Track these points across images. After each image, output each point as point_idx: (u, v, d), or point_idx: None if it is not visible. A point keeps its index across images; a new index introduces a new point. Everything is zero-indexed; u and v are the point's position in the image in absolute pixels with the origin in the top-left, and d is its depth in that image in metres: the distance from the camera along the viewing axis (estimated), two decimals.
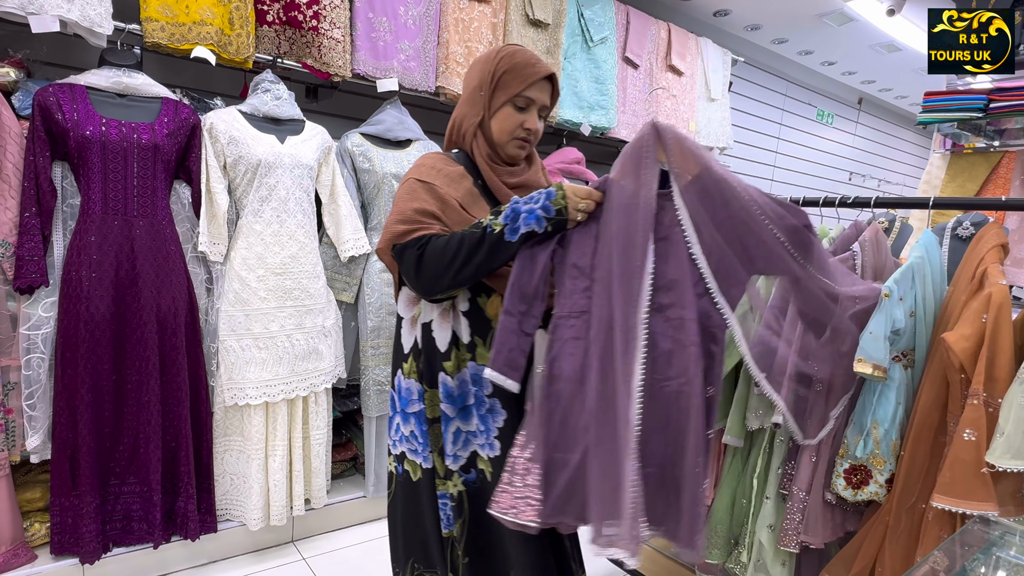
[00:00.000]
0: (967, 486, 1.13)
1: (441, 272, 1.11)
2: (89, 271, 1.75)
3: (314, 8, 2.12)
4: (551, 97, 1.23)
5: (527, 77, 1.17)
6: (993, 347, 1.15)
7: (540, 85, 1.19)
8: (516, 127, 1.19)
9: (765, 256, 1.03)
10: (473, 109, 1.22)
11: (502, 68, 1.18)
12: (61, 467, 1.77)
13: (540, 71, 1.19)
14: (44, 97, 1.69)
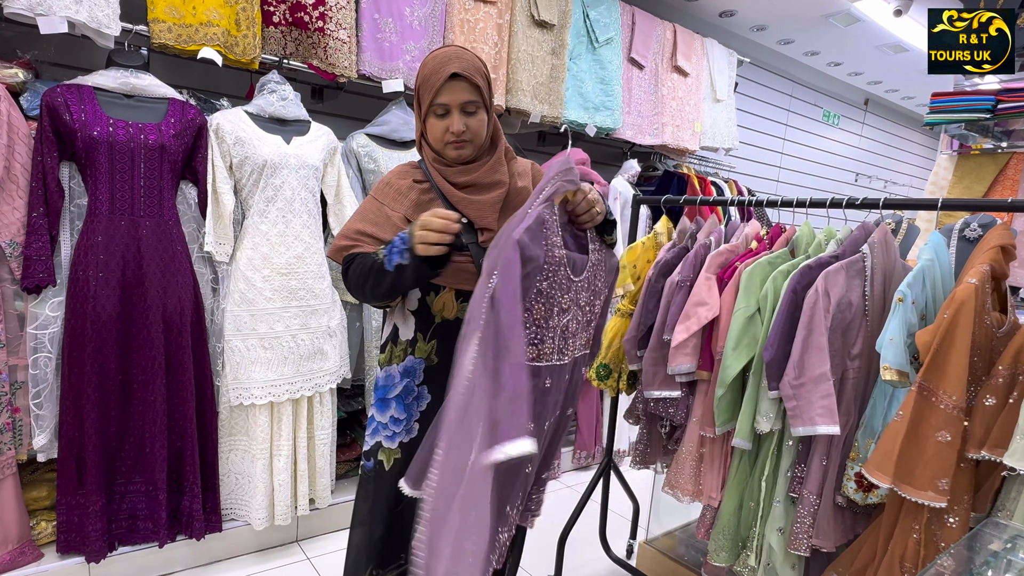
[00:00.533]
0: (881, 458, 1.20)
1: (357, 289, 1.20)
2: (96, 271, 1.75)
3: (320, 9, 2.12)
4: (474, 92, 1.19)
5: (432, 85, 1.18)
6: (947, 340, 1.17)
7: (448, 87, 1.17)
8: (443, 133, 1.20)
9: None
10: (416, 122, 1.28)
11: (418, 82, 1.22)
12: (67, 466, 1.78)
13: (442, 76, 1.16)
14: (52, 98, 1.70)
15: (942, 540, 1.19)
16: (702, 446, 1.64)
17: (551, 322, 1.05)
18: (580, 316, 1.12)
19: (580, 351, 1.16)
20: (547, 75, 2.82)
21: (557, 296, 1.05)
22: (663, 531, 2.27)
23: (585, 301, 1.12)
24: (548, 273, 1.03)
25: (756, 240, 1.69)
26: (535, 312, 1.03)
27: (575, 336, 1.12)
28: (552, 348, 1.07)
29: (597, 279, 1.15)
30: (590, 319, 1.16)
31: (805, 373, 1.34)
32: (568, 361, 1.12)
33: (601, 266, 1.17)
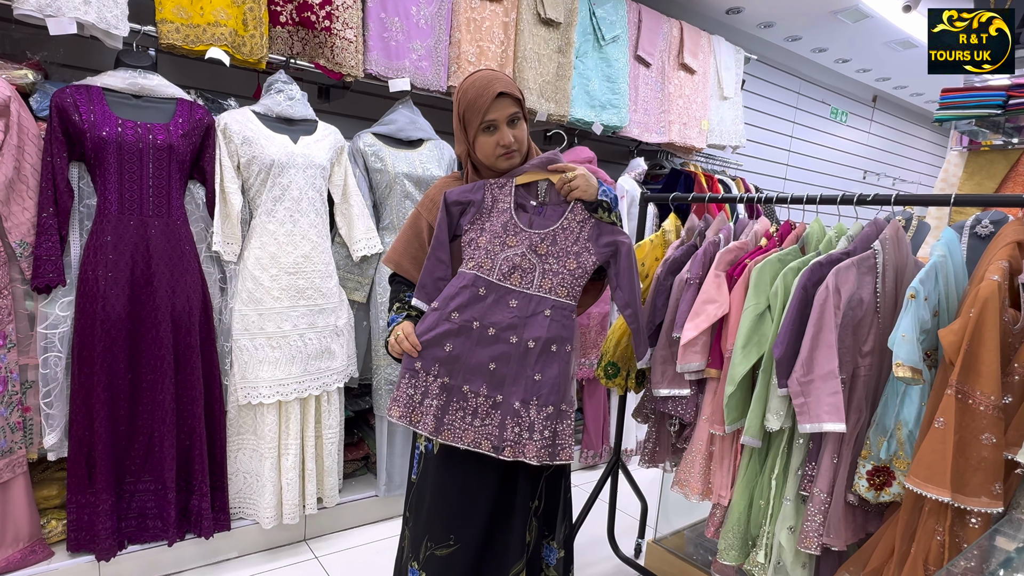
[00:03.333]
0: (932, 470, 1.17)
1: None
2: (105, 270, 1.76)
3: (327, 9, 2.13)
4: (516, 104, 1.37)
5: (480, 107, 1.33)
6: (976, 341, 1.15)
7: (495, 105, 1.34)
8: (494, 147, 1.37)
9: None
10: (461, 145, 1.44)
11: (463, 107, 1.37)
12: (77, 465, 1.79)
13: (489, 95, 1.32)
14: (61, 98, 1.71)
15: (965, 541, 1.18)
16: (711, 444, 1.63)
17: (491, 248, 1.37)
18: (534, 260, 1.38)
19: (539, 291, 1.37)
20: (553, 73, 2.81)
21: (500, 234, 1.38)
22: (672, 530, 2.26)
23: (545, 252, 1.38)
24: (491, 217, 1.39)
25: (766, 237, 1.68)
26: (479, 240, 1.39)
27: (526, 273, 1.37)
28: (490, 267, 1.37)
29: (569, 241, 1.38)
30: (556, 269, 1.38)
31: (814, 370, 1.33)
32: (514, 288, 1.37)
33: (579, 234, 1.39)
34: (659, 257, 1.86)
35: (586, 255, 1.39)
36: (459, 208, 1.40)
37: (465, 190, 1.40)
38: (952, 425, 1.15)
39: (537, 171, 1.39)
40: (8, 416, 1.71)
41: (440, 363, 1.35)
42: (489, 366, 1.35)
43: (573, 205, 1.40)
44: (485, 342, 1.35)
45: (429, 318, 1.37)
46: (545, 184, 1.41)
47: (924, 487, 1.17)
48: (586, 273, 1.39)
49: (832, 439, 1.38)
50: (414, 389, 1.35)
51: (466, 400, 1.35)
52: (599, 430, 3.09)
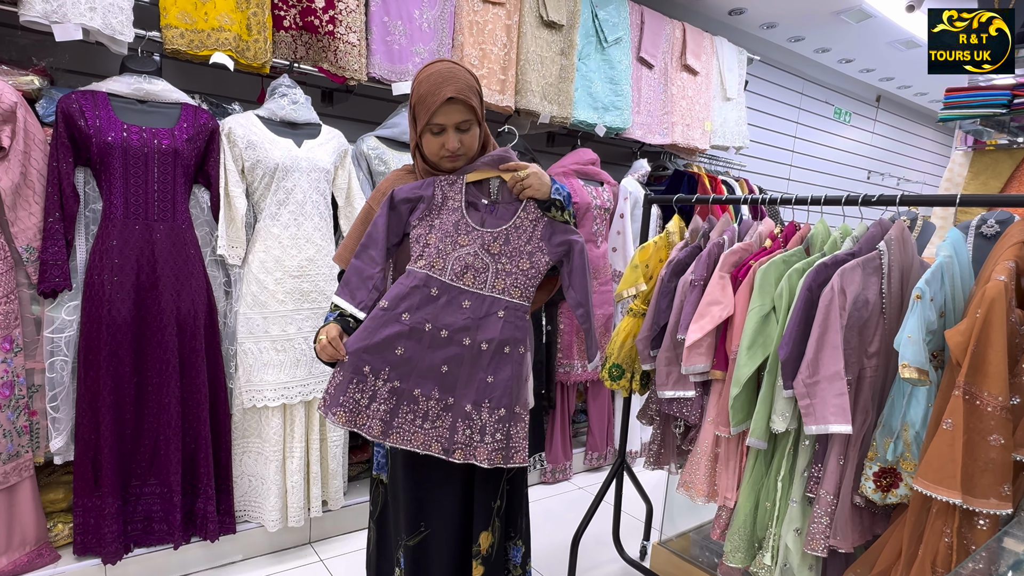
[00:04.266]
0: (941, 472, 1.16)
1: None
2: (111, 275, 1.77)
3: (330, 13, 2.13)
4: (468, 111, 1.31)
5: (429, 107, 1.29)
6: (983, 341, 1.15)
7: (444, 109, 1.28)
8: (439, 149, 1.34)
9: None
10: (412, 132, 1.39)
11: (414, 100, 1.33)
12: (84, 468, 1.79)
13: (439, 99, 1.27)
14: (67, 104, 1.72)
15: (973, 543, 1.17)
16: (717, 446, 1.62)
17: (442, 247, 1.34)
18: (488, 260, 1.35)
19: (492, 292, 1.35)
20: (556, 75, 2.82)
21: (451, 232, 1.35)
22: (677, 532, 2.25)
23: (498, 251, 1.36)
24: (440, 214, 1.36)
25: (770, 238, 1.68)
26: (428, 238, 1.35)
27: (479, 273, 1.35)
28: (442, 266, 1.34)
29: (522, 240, 1.37)
30: (509, 269, 1.36)
31: (819, 372, 1.33)
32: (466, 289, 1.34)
33: (532, 232, 1.38)
34: (663, 259, 1.86)
35: (539, 255, 1.37)
36: (408, 205, 1.36)
37: (415, 187, 1.36)
38: (960, 426, 1.15)
39: (488, 169, 1.36)
40: (15, 420, 1.71)
41: (391, 367, 1.31)
42: (441, 368, 1.32)
43: (526, 204, 1.38)
44: (437, 344, 1.33)
45: (377, 319, 1.31)
46: (497, 182, 1.38)
47: (933, 488, 1.16)
48: (539, 273, 1.38)
49: (838, 440, 1.37)
50: (360, 393, 1.30)
51: (416, 403, 1.32)
52: (603, 432, 3.09)
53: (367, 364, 1.30)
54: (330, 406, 1.30)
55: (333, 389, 1.30)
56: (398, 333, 1.31)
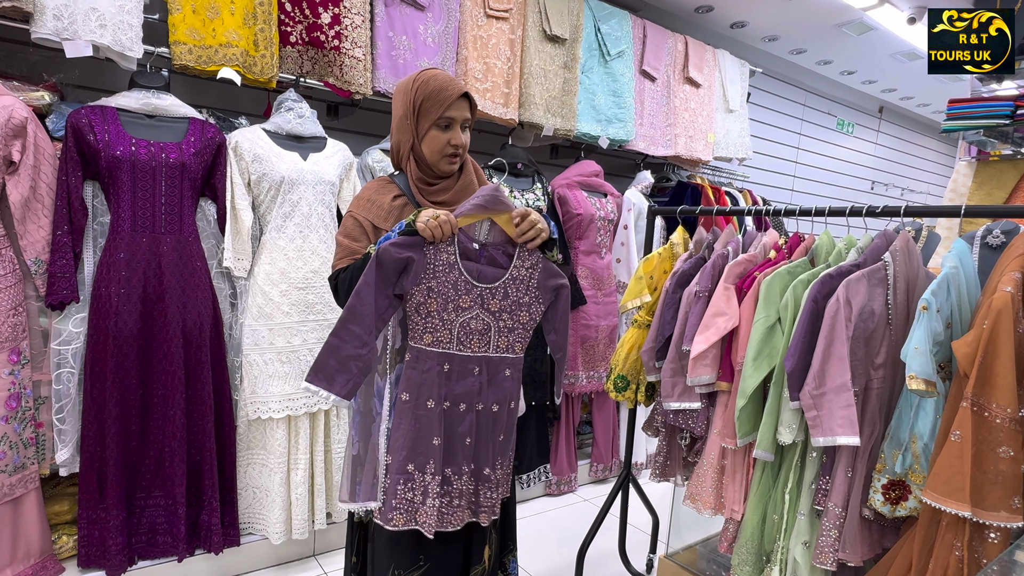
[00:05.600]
0: (950, 484, 1.15)
1: (346, 294, 1.25)
2: (118, 287, 1.78)
3: (336, 28, 2.16)
4: (471, 111, 1.35)
5: (443, 101, 1.29)
6: (990, 352, 1.14)
7: (457, 104, 1.31)
8: (444, 145, 1.32)
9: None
10: (404, 136, 1.35)
11: (420, 97, 1.31)
12: (89, 480, 1.79)
13: (454, 92, 1.30)
14: (77, 119, 1.74)
15: (984, 556, 1.16)
16: (723, 458, 1.61)
17: (445, 315, 1.26)
18: (490, 319, 1.29)
19: (497, 352, 1.31)
20: (559, 88, 2.84)
21: (451, 295, 1.26)
22: (684, 545, 2.23)
23: (497, 308, 1.30)
24: (436, 274, 1.25)
25: (775, 249, 1.68)
26: (429, 305, 1.25)
27: (482, 335, 1.29)
28: (448, 338, 1.27)
29: (520, 292, 1.31)
30: (511, 326, 1.31)
31: (826, 383, 1.32)
32: (473, 355, 1.29)
33: (529, 282, 1.32)
34: (667, 270, 1.86)
35: (536, 305, 1.33)
36: (397, 266, 1.21)
37: (400, 245, 1.21)
38: (969, 438, 1.14)
39: (479, 212, 1.26)
40: (21, 432, 1.72)
41: (434, 459, 1.25)
42: (466, 441, 1.29)
43: (520, 248, 1.30)
44: (457, 419, 1.29)
45: (407, 414, 1.24)
46: (487, 223, 1.29)
47: (942, 501, 1.15)
48: (535, 322, 1.34)
49: (846, 452, 1.37)
50: (412, 492, 1.25)
51: (452, 484, 1.29)
52: (609, 444, 3.07)
53: (410, 463, 1.25)
54: (385, 513, 1.25)
55: (384, 496, 1.25)
56: (430, 422, 1.25)
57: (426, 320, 1.25)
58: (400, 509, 1.25)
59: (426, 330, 1.26)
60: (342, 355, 1.20)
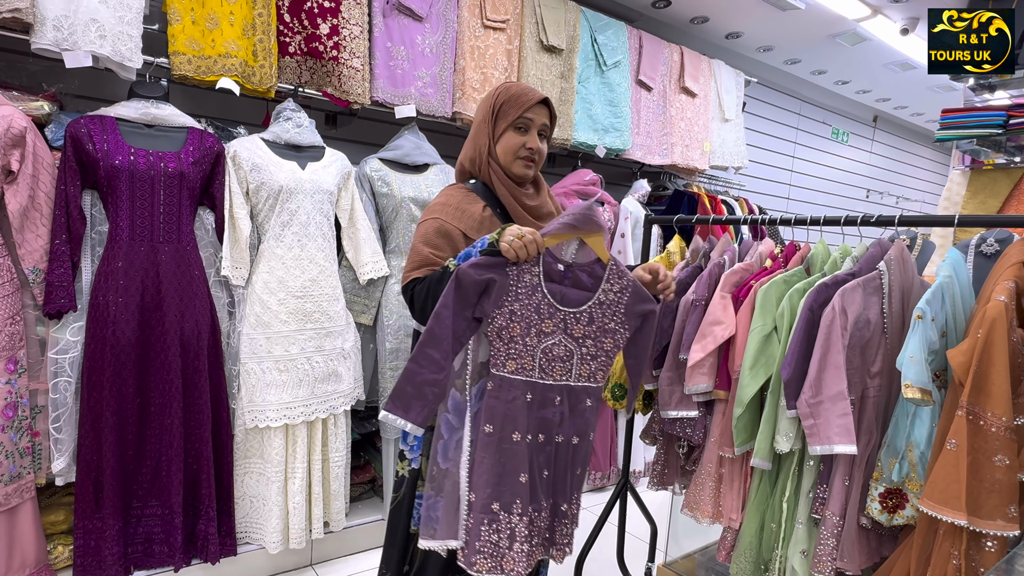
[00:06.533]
0: (946, 493, 1.15)
1: (421, 309, 1.24)
2: (116, 296, 1.78)
3: (334, 39, 2.18)
4: (550, 119, 1.37)
5: (522, 104, 1.32)
6: (984, 361, 1.15)
7: (536, 108, 1.33)
8: (519, 147, 1.33)
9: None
10: (480, 140, 1.37)
11: (501, 100, 1.34)
12: (85, 489, 1.78)
13: (534, 97, 1.33)
14: (76, 129, 1.75)
15: (981, 565, 1.16)
16: (721, 466, 1.61)
17: (528, 340, 1.19)
18: (572, 345, 1.22)
19: (579, 380, 1.24)
20: (556, 98, 2.86)
21: (534, 319, 1.19)
22: (682, 554, 2.23)
23: (581, 333, 1.22)
24: (518, 296, 1.18)
25: (770, 258, 1.69)
26: (511, 329, 1.19)
27: (564, 362, 1.22)
28: (531, 365, 1.20)
29: (607, 317, 1.24)
30: (594, 353, 1.24)
31: (822, 392, 1.33)
32: (555, 383, 1.22)
33: (617, 307, 1.25)
34: None
35: (621, 332, 1.25)
36: (477, 288, 1.16)
37: (481, 266, 1.16)
38: (964, 447, 1.15)
39: (567, 232, 1.18)
40: (17, 441, 1.71)
41: (521, 498, 1.16)
42: (543, 474, 1.21)
43: (610, 270, 1.23)
44: (537, 451, 1.21)
45: (491, 448, 1.16)
46: (575, 243, 1.21)
47: (939, 510, 1.16)
48: (619, 349, 1.26)
49: (843, 461, 1.37)
50: (497, 535, 1.15)
51: (534, 523, 1.21)
52: (607, 452, 3.07)
53: (495, 501, 1.16)
54: (468, 556, 1.16)
55: (467, 536, 1.16)
56: (515, 457, 1.17)
57: (509, 346, 1.19)
58: (485, 553, 1.15)
59: (509, 356, 1.19)
60: (418, 381, 1.15)
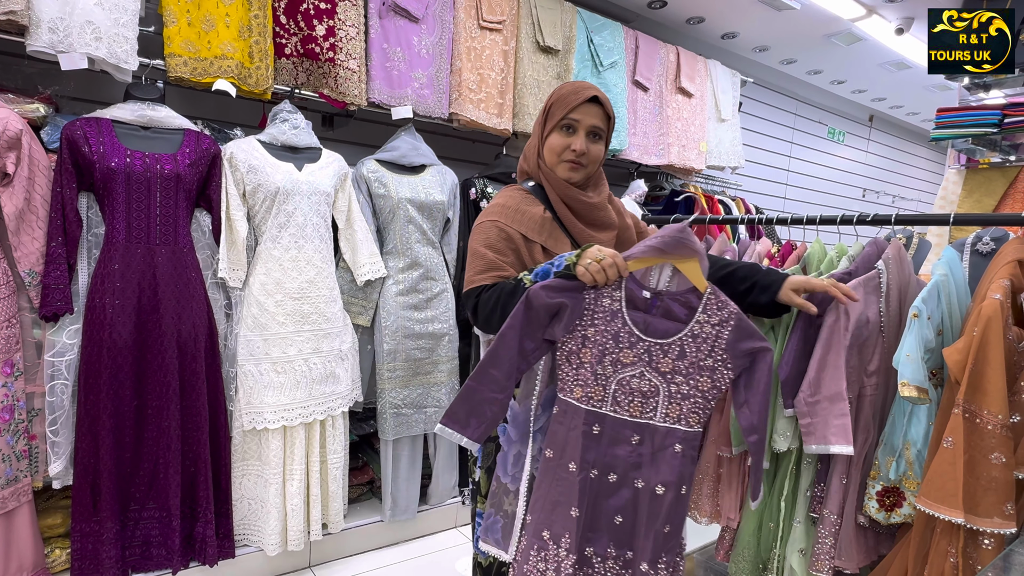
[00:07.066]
0: (943, 491, 1.16)
1: (487, 319, 1.18)
2: (112, 298, 1.78)
3: (331, 40, 2.18)
4: (604, 120, 1.26)
5: (568, 103, 1.23)
6: (980, 359, 1.16)
7: (584, 108, 1.24)
8: (563, 148, 1.24)
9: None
10: (533, 141, 1.31)
11: (552, 99, 1.27)
12: (82, 492, 1.78)
13: (581, 96, 1.24)
14: (71, 131, 1.74)
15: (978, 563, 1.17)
16: (719, 466, 1.62)
17: (601, 369, 1.10)
18: (658, 380, 1.10)
19: (665, 421, 1.11)
20: None
21: (610, 347, 1.10)
22: None
23: (669, 368, 1.10)
24: (594, 321, 1.10)
25: (767, 258, 1.69)
26: (582, 355, 1.11)
27: (647, 398, 1.11)
28: (601, 395, 1.11)
29: (702, 353, 1.10)
30: (686, 392, 1.11)
31: (821, 391, 1.33)
32: (631, 419, 1.11)
33: (715, 342, 1.10)
34: None
35: (723, 371, 1.10)
36: (548, 311, 1.10)
37: (554, 289, 1.09)
38: (961, 445, 1.15)
39: (654, 256, 1.08)
40: (14, 444, 1.71)
41: (570, 532, 1.10)
42: (615, 520, 1.12)
43: (708, 300, 1.10)
44: (606, 491, 1.12)
45: (548, 474, 1.12)
46: (668, 269, 1.11)
47: (936, 508, 1.16)
48: (721, 393, 1.12)
49: (841, 460, 1.37)
50: (545, 563, 1.11)
51: (593, 567, 1.13)
52: None
53: (545, 528, 1.12)
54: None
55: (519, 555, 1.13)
56: (569, 488, 1.11)
57: (577, 371, 1.12)
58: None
59: (576, 382, 1.12)
60: (477, 399, 1.11)
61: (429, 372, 2.43)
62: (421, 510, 2.50)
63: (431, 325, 2.41)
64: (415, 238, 2.37)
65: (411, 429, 2.39)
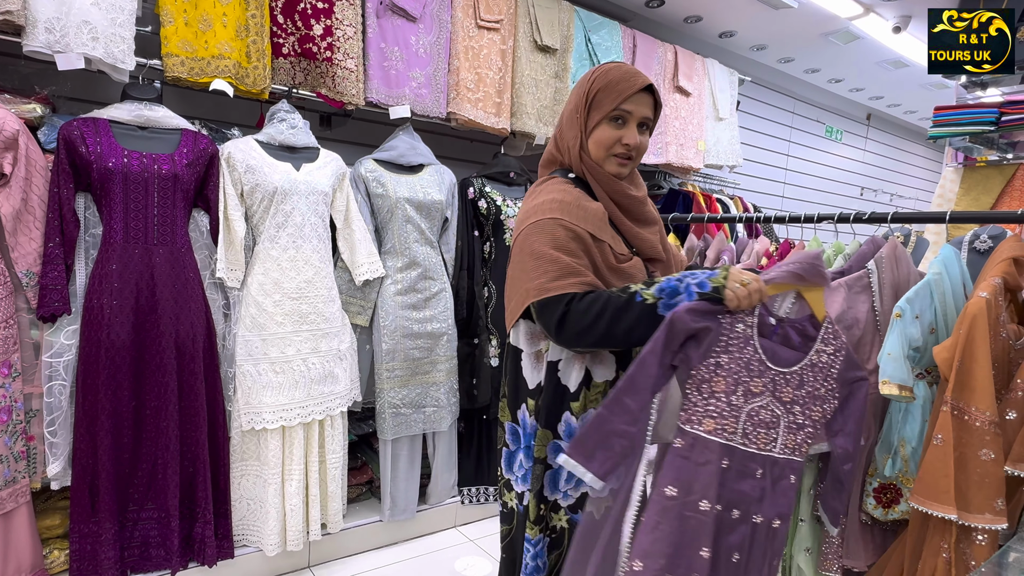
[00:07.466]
0: (935, 488, 1.16)
1: (583, 332, 1.06)
2: (110, 299, 1.78)
3: (328, 40, 2.17)
4: (654, 110, 1.16)
5: (621, 92, 1.11)
6: (967, 356, 1.16)
7: (637, 98, 1.13)
8: (614, 142, 1.14)
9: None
10: (571, 132, 1.17)
11: (596, 86, 1.14)
12: (81, 493, 1.78)
13: (636, 84, 1.12)
14: (68, 131, 1.74)
15: (972, 559, 1.17)
16: None
17: (733, 399, 1.05)
18: (780, 410, 1.07)
19: (783, 452, 1.08)
20: (551, 98, 2.86)
21: (743, 376, 1.05)
22: None
23: (790, 398, 1.07)
24: (727, 348, 1.05)
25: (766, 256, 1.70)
26: (714, 384, 1.05)
27: (770, 428, 1.07)
28: (734, 428, 1.05)
29: (818, 382, 1.09)
30: (801, 422, 1.08)
31: None
32: (758, 452, 1.07)
33: (829, 371, 1.10)
34: None
35: (831, 400, 1.10)
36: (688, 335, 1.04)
37: (698, 312, 1.02)
38: (951, 442, 1.16)
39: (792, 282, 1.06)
40: (12, 445, 1.71)
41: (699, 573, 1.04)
42: (732, 558, 1.06)
43: (825, 330, 1.09)
44: (727, 528, 1.06)
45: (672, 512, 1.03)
46: (792, 296, 1.08)
47: (928, 504, 1.17)
48: (826, 420, 1.11)
49: None
50: None
51: None
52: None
53: (668, 573, 1.03)
54: None
55: None
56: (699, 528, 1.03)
57: (708, 401, 1.05)
58: None
59: (708, 414, 1.05)
60: (606, 429, 1.03)
61: (428, 372, 2.43)
62: (420, 510, 2.50)
63: (429, 325, 2.41)
64: (413, 238, 2.37)
65: (410, 429, 2.39)
